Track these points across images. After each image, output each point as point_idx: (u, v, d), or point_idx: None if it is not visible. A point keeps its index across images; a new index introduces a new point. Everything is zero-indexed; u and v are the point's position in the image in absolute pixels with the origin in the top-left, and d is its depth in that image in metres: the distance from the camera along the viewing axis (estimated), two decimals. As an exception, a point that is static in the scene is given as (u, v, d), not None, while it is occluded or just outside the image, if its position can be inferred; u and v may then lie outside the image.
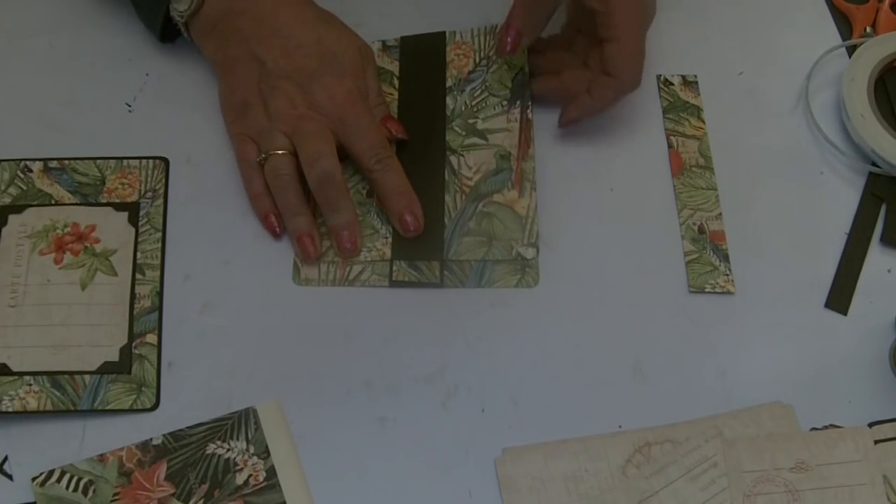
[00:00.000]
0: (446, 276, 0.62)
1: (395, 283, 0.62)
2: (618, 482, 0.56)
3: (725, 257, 0.64)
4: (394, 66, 0.69)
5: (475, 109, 0.67)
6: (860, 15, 0.74)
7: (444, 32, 0.70)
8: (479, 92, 0.67)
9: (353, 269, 0.62)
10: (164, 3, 0.66)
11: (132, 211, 0.64)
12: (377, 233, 0.63)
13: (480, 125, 0.66)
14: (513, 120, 0.66)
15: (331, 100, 0.63)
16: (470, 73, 0.68)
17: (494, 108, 0.67)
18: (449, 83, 0.68)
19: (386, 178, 0.63)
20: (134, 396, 0.58)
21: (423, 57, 0.69)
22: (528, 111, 0.66)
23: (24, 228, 0.63)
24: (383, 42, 0.69)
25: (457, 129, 0.66)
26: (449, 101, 0.67)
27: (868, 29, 0.74)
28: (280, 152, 0.62)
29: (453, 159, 0.65)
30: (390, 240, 0.62)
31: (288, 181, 0.62)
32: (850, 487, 0.56)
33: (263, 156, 0.63)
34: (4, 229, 0.63)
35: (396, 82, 0.68)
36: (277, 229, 0.63)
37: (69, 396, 0.58)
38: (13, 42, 0.71)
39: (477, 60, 0.68)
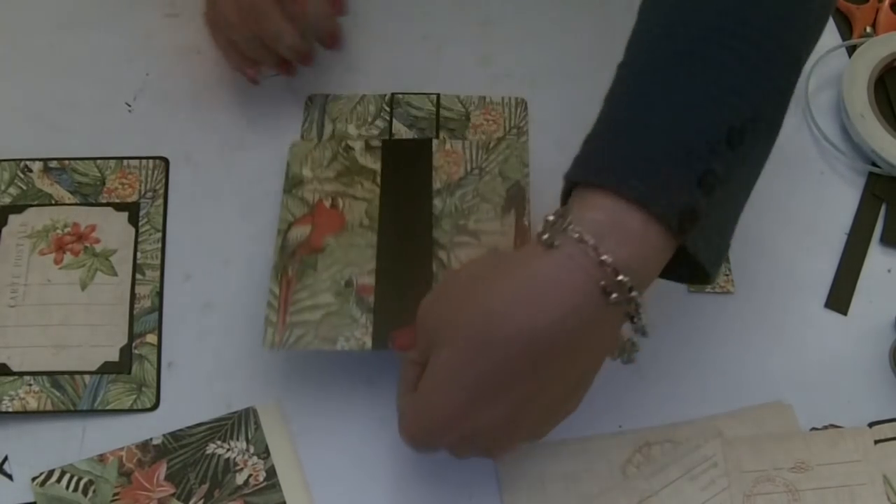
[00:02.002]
0: None
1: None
2: (618, 482, 0.56)
3: (725, 257, 0.64)
4: (376, 166, 0.64)
5: (466, 212, 0.62)
6: (860, 15, 0.74)
7: (430, 139, 0.66)
8: (470, 197, 0.63)
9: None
10: None
11: (132, 211, 0.64)
12: (356, 322, 0.57)
13: (472, 226, 0.61)
14: (507, 226, 0.62)
15: None
16: (460, 179, 0.64)
17: (487, 213, 0.62)
18: (437, 186, 0.63)
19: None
20: (134, 396, 0.58)
21: (407, 160, 0.65)
22: (525, 219, 0.62)
23: (24, 228, 0.63)
24: (366, 141, 0.65)
25: (446, 227, 0.61)
26: (437, 202, 0.63)
27: (868, 29, 0.74)
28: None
29: (442, 254, 0.60)
30: (370, 329, 0.57)
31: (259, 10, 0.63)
32: (850, 487, 0.56)
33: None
34: (4, 229, 0.63)
35: (379, 180, 0.64)
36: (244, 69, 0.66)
37: (69, 396, 0.58)
38: (13, 42, 0.71)
39: (468, 169, 0.64)
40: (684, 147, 0.45)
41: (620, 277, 0.45)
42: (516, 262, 0.47)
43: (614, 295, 0.45)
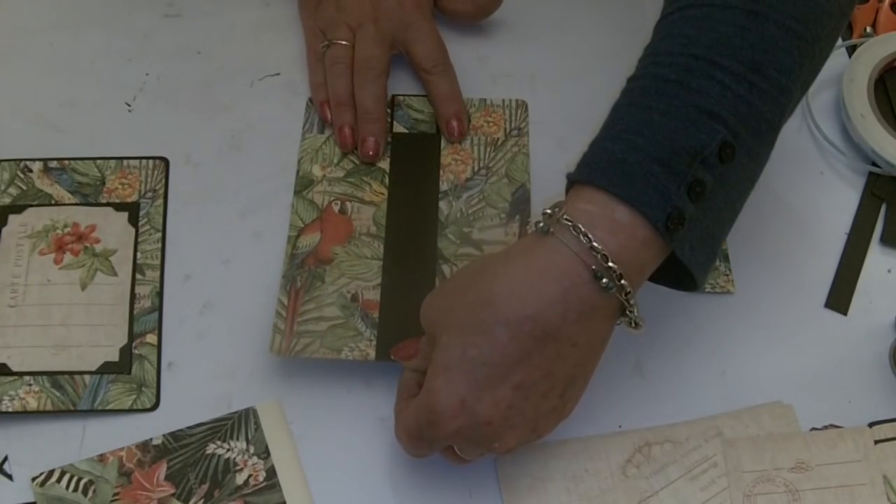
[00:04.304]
0: None
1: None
2: (618, 482, 0.56)
3: (725, 257, 0.64)
4: (385, 164, 0.65)
5: (471, 218, 0.63)
6: (860, 15, 0.74)
7: (439, 134, 0.67)
8: (476, 201, 0.64)
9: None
10: None
11: (132, 211, 0.64)
12: (361, 335, 0.58)
13: (476, 235, 0.62)
14: (511, 234, 0.63)
15: (400, 6, 0.67)
16: (467, 180, 0.65)
17: (492, 220, 0.63)
18: (444, 187, 0.64)
19: (440, 82, 0.67)
20: (134, 396, 0.58)
21: (416, 157, 0.66)
22: (528, 227, 0.63)
23: (24, 228, 0.63)
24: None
25: (450, 236, 0.62)
26: (443, 205, 0.63)
27: (868, 29, 0.74)
28: (342, 42, 0.67)
29: (445, 268, 0.61)
30: (374, 342, 0.58)
31: (342, 70, 0.66)
32: (850, 487, 0.56)
33: (326, 43, 0.67)
34: (4, 229, 0.63)
35: (387, 180, 0.65)
36: (329, 116, 0.67)
37: (69, 396, 0.58)
38: (13, 42, 0.71)
39: (475, 169, 0.65)
40: (672, 159, 0.48)
41: (610, 264, 0.47)
42: (513, 252, 0.50)
43: (604, 280, 0.47)
